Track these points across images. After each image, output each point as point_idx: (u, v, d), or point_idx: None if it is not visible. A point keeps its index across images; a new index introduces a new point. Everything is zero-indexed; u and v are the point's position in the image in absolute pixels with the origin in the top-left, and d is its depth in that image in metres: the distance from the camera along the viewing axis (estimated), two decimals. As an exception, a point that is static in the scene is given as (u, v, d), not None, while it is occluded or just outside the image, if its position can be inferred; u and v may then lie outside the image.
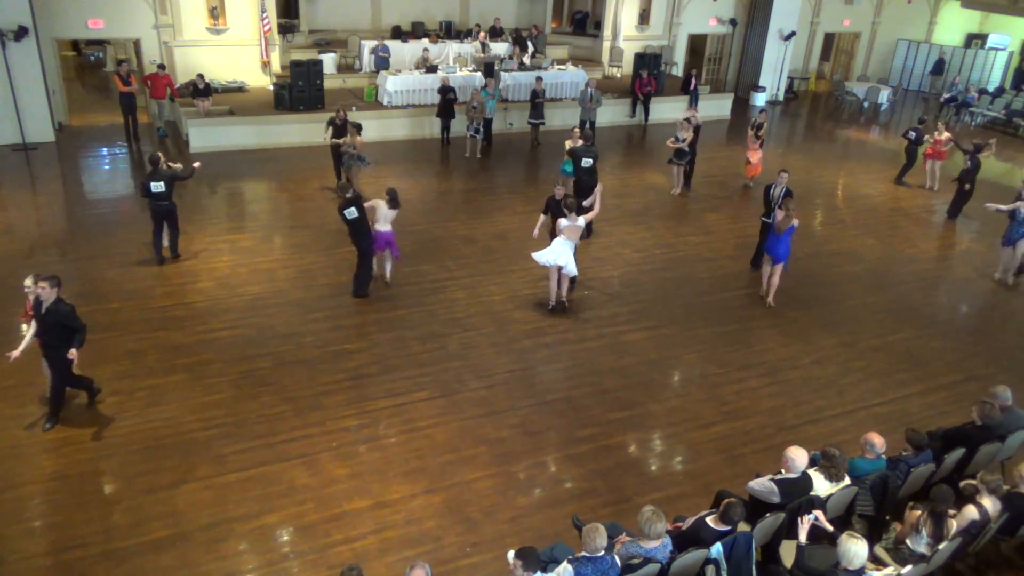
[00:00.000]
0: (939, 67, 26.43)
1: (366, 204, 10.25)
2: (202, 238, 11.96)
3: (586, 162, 12.84)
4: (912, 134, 16.32)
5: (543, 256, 10.02)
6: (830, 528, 5.79)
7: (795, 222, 10.48)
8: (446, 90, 16.97)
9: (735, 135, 19.93)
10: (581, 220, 10.01)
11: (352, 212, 9.96)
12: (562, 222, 10.03)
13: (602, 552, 5.10)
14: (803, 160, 18.28)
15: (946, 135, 15.95)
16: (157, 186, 10.60)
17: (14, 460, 7.20)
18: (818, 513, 5.81)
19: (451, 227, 13.09)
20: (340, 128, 13.85)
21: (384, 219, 10.35)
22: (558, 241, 9.99)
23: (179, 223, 11.24)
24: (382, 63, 18.95)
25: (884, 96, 23.60)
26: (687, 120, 15.15)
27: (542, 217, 10.81)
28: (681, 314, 10.65)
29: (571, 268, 10.10)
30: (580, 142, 13.32)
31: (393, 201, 10.33)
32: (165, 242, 11.17)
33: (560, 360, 9.41)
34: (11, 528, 6.45)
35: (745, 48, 24.28)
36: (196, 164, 11.32)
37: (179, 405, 8.09)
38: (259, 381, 8.59)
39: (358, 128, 13.75)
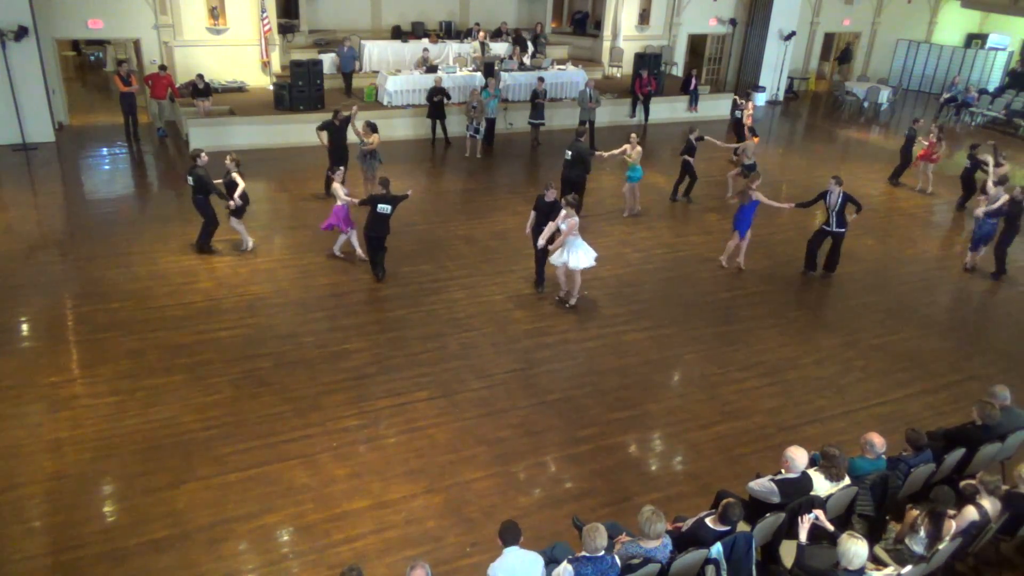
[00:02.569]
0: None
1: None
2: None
3: (567, 154, 12.91)
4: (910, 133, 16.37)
5: (584, 261, 10.15)
6: (831, 527, 5.80)
7: (759, 197, 11.40)
8: (433, 92, 16.93)
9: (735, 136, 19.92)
10: (571, 216, 10.05)
11: (387, 208, 10.50)
12: (573, 221, 9.99)
13: (602, 552, 5.10)
14: (803, 160, 18.29)
15: (932, 136, 15.88)
16: (188, 179, 11.17)
17: (14, 460, 7.20)
18: (818, 512, 5.81)
19: (451, 227, 13.09)
20: (339, 130, 13.75)
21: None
22: (573, 241, 10.05)
23: (209, 224, 11.44)
24: (348, 64, 18.65)
25: (884, 96, 23.61)
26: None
27: (533, 214, 10.77)
28: (681, 314, 10.65)
29: (580, 263, 10.25)
30: (638, 148, 13.31)
31: None
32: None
33: (560, 360, 9.41)
34: (11, 528, 6.45)
35: (745, 48, 24.29)
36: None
37: (179, 405, 8.09)
38: (259, 381, 8.59)
39: (373, 128, 13.66)
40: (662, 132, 20.02)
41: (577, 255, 10.11)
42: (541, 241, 10.30)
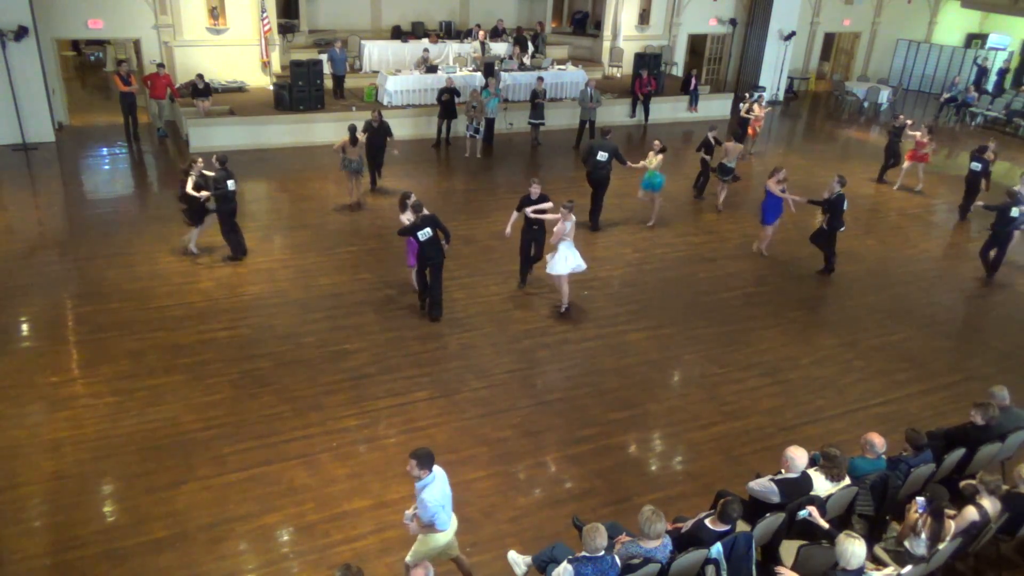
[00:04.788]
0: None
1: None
2: (202, 238, 11.94)
3: (601, 155, 12.86)
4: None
5: (561, 267, 10.01)
6: (825, 524, 5.80)
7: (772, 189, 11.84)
8: (443, 91, 16.94)
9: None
10: (573, 218, 9.97)
11: (427, 233, 9.42)
12: (566, 225, 9.85)
13: (602, 552, 5.10)
14: (803, 160, 18.28)
15: (922, 135, 15.95)
16: (230, 186, 10.85)
17: (14, 460, 7.20)
18: (811, 509, 5.80)
19: (451, 227, 12.87)
20: (378, 130, 13.81)
21: None
22: (564, 246, 9.93)
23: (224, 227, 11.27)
24: (340, 67, 18.58)
25: (884, 96, 23.61)
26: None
27: (515, 214, 10.73)
28: (681, 314, 10.65)
29: (582, 264, 10.17)
30: (660, 156, 13.10)
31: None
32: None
33: (560, 360, 9.41)
34: (11, 528, 6.45)
35: (745, 48, 24.28)
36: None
37: (179, 405, 8.09)
38: (259, 381, 8.59)
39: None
40: (662, 132, 19.98)
41: (555, 261, 10.02)
42: (554, 240, 10.22)
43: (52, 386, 8.29)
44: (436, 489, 5.38)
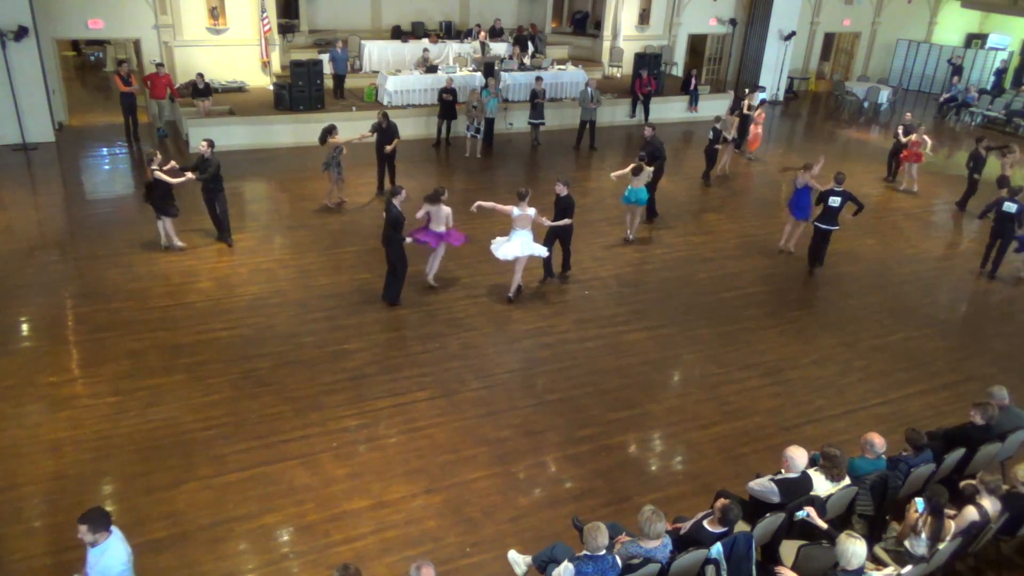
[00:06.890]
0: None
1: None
2: (203, 238, 11.97)
3: (641, 155, 13.18)
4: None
5: (507, 252, 10.29)
6: (823, 525, 5.80)
7: (810, 183, 12.02)
8: (444, 91, 16.97)
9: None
10: (532, 210, 10.26)
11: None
12: (514, 211, 10.21)
13: (603, 551, 5.11)
14: (803, 160, 18.22)
15: (914, 137, 15.89)
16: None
17: (14, 460, 7.20)
18: (809, 510, 5.81)
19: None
20: (385, 131, 13.82)
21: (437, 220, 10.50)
22: (515, 233, 10.24)
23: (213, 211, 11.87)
24: (341, 66, 18.59)
25: (884, 96, 23.61)
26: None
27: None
28: (681, 314, 10.65)
29: (539, 251, 10.44)
30: (647, 168, 12.85)
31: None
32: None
33: (560, 360, 9.41)
34: (11, 528, 6.46)
35: (745, 48, 24.28)
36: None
37: (179, 405, 8.09)
38: (259, 381, 8.59)
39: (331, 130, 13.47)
40: (662, 132, 19.96)
41: (503, 246, 10.31)
42: (545, 221, 10.55)
43: (52, 386, 8.29)
44: (119, 550, 4.88)
